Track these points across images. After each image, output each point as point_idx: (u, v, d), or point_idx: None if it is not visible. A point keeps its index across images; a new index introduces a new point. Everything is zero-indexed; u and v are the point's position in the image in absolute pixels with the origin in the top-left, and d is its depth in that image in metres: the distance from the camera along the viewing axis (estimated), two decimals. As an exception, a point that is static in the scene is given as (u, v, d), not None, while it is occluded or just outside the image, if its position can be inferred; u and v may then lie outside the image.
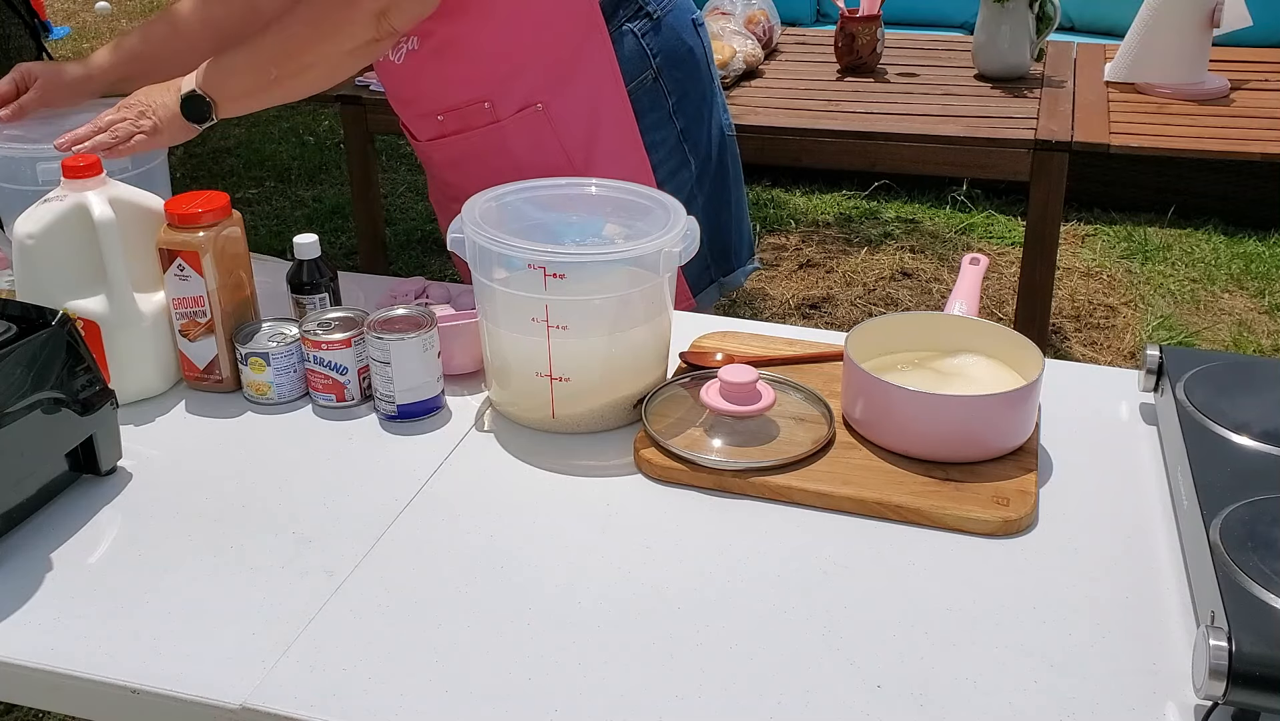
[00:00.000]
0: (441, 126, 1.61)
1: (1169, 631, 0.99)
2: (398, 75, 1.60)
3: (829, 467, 1.18)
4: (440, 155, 1.66)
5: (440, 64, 1.55)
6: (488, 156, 1.60)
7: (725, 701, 0.93)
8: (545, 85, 1.55)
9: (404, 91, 1.64)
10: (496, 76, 1.55)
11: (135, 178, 1.49)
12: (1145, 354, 1.29)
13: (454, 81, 1.57)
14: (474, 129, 1.59)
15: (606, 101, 1.60)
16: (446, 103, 1.59)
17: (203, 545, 1.11)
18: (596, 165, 1.60)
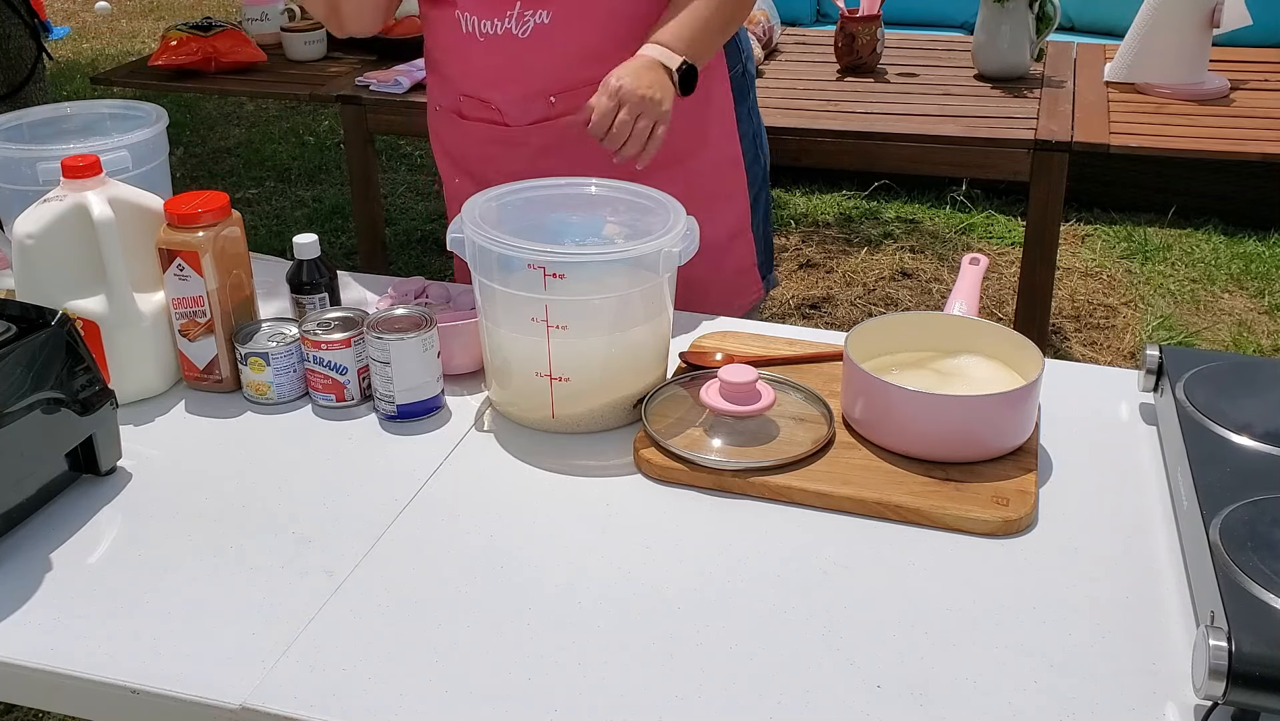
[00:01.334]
0: (551, 108, 1.55)
1: (1169, 631, 0.99)
2: (516, 50, 1.52)
3: (829, 467, 1.18)
4: (540, 140, 1.58)
5: (567, 39, 1.50)
6: (589, 142, 1.52)
7: (725, 701, 0.93)
8: None
9: (515, 68, 1.54)
10: (615, 55, 1.49)
11: (135, 178, 1.49)
12: (1145, 354, 1.29)
13: (577, 59, 1.51)
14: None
15: (715, 88, 1.60)
16: (565, 82, 1.53)
17: (203, 545, 1.11)
18: (699, 153, 1.60)
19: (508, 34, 1.50)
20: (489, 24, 1.51)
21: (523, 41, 1.50)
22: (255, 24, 3.30)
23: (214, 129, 5.37)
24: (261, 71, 3.14)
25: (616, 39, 1.50)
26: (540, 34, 1.49)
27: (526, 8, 1.48)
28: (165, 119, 1.61)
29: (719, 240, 1.66)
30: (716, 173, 1.67)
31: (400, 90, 2.89)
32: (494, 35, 1.51)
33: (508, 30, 1.50)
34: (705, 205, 1.60)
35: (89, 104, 1.67)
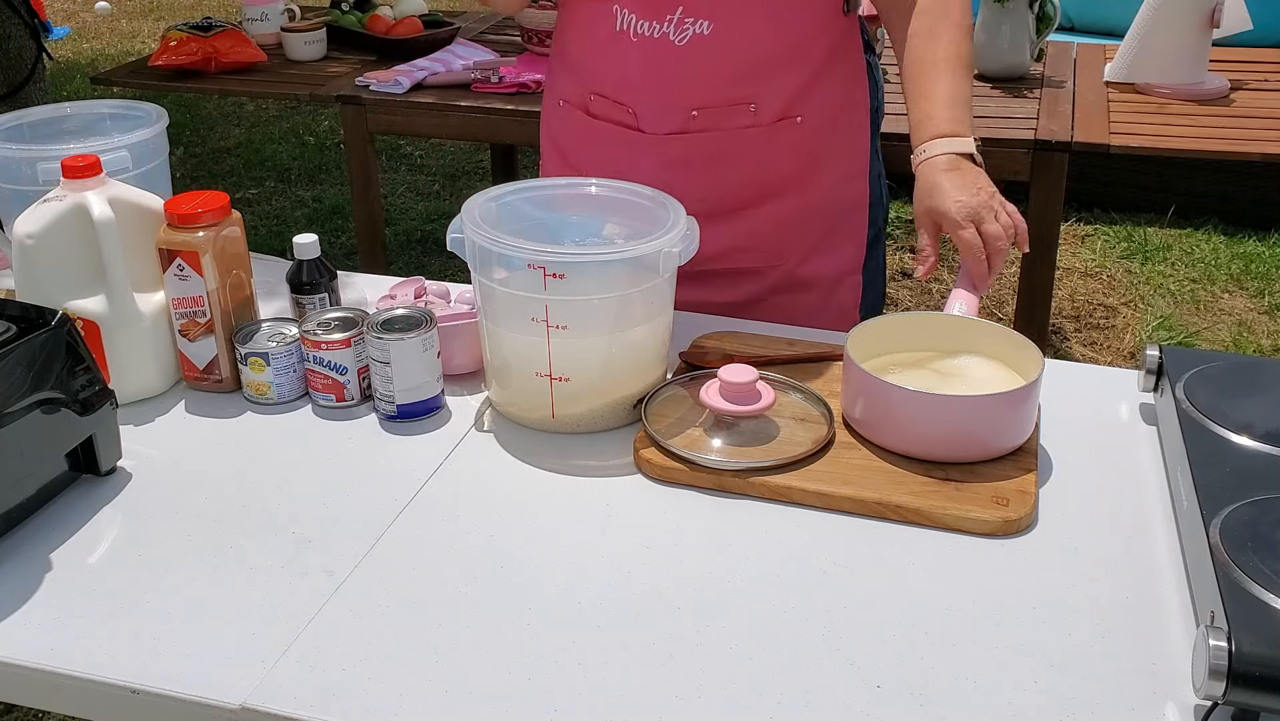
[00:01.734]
0: (690, 121, 1.50)
1: (1169, 631, 0.99)
2: (668, 57, 1.47)
3: (829, 467, 1.18)
4: (672, 152, 1.52)
5: (724, 53, 1.46)
6: (726, 161, 1.52)
7: (725, 701, 0.93)
8: (803, 94, 1.50)
9: (664, 75, 1.49)
10: (768, 76, 1.48)
11: (135, 178, 1.49)
12: (1145, 354, 1.29)
13: (729, 75, 1.47)
14: (725, 129, 1.50)
15: (855, 123, 1.58)
16: (711, 97, 1.49)
17: (203, 545, 1.11)
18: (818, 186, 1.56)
19: (664, 39, 1.45)
20: (646, 25, 1.46)
21: (678, 49, 1.46)
22: (255, 24, 3.30)
23: (214, 129, 5.37)
24: (261, 71, 3.14)
25: (772, 61, 1.47)
26: (697, 44, 1.45)
27: (689, 15, 1.43)
28: (165, 119, 1.61)
29: (828, 278, 1.63)
30: (841, 210, 1.61)
31: (400, 90, 2.89)
32: (649, 38, 1.46)
33: (665, 35, 1.45)
34: (825, 240, 1.61)
35: (89, 104, 1.66)
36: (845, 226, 1.63)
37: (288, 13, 3.34)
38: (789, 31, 1.47)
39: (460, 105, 2.85)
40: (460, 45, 3.25)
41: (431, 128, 2.98)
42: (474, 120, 2.88)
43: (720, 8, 1.43)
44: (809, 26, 1.48)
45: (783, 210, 1.56)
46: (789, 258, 1.60)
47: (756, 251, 1.59)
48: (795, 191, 1.56)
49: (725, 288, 1.60)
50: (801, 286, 1.61)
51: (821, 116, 1.53)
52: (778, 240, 1.59)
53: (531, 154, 4.86)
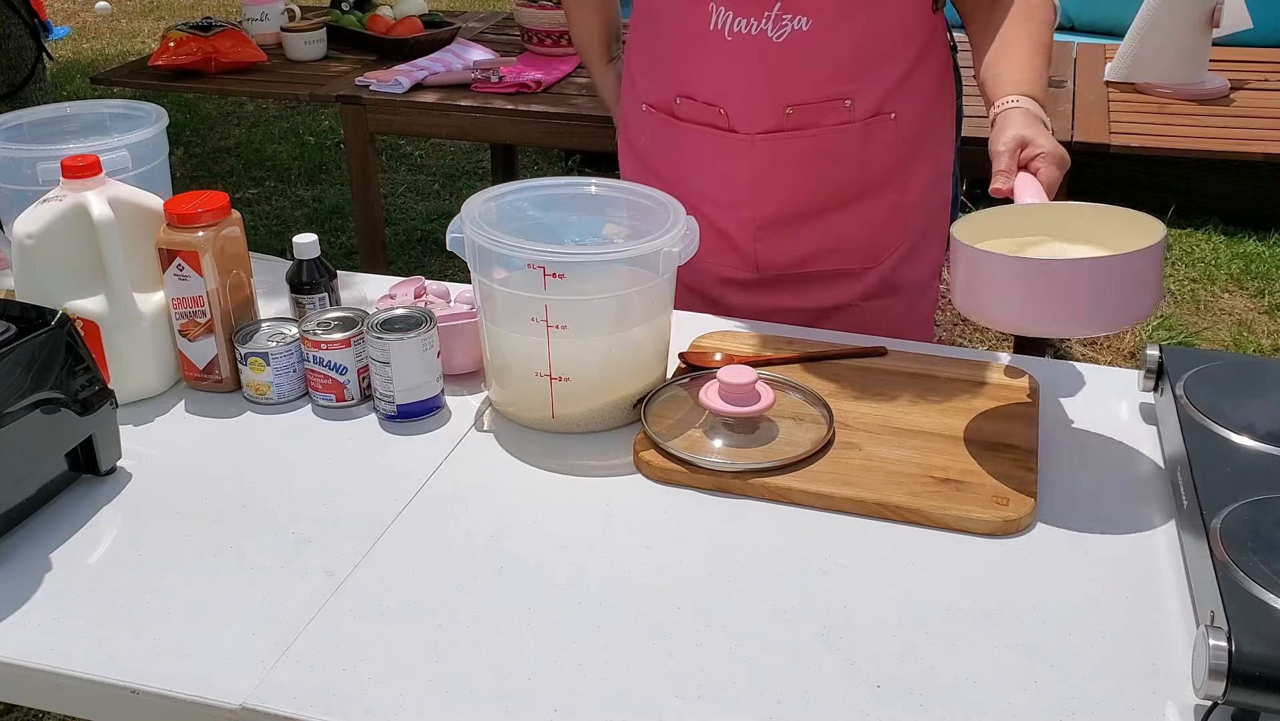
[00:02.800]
0: (785, 119, 1.48)
1: (1169, 631, 0.99)
2: (765, 54, 1.45)
3: (829, 468, 1.18)
4: (764, 152, 1.50)
5: (823, 50, 1.44)
6: (822, 159, 1.50)
7: (725, 701, 0.93)
8: (897, 91, 1.50)
9: (759, 73, 1.46)
10: (864, 72, 1.47)
11: (135, 178, 1.49)
12: (1145, 354, 1.29)
13: (828, 72, 1.46)
14: (821, 126, 1.49)
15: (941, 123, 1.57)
16: (807, 94, 1.47)
17: (203, 545, 1.11)
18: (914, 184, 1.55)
19: (761, 35, 1.44)
20: (743, 23, 1.44)
21: (776, 46, 1.44)
22: (255, 24, 3.30)
23: (214, 129, 5.37)
24: (261, 71, 3.14)
25: (868, 57, 1.46)
26: (796, 41, 1.43)
27: (786, 11, 1.42)
28: (165, 119, 1.61)
29: (918, 282, 1.62)
30: (930, 212, 1.60)
31: (400, 90, 2.89)
32: (745, 35, 1.44)
33: (762, 32, 1.43)
34: (914, 244, 1.59)
35: (89, 104, 1.66)
36: (935, 228, 1.61)
37: (288, 13, 3.34)
38: (884, 27, 1.46)
39: (460, 105, 2.86)
40: (460, 45, 3.25)
41: (431, 128, 2.99)
42: (474, 120, 2.88)
43: (819, 5, 1.42)
44: (901, 23, 1.48)
45: (878, 209, 1.55)
46: (884, 259, 1.59)
47: (851, 253, 1.58)
48: (890, 190, 1.54)
49: (817, 292, 1.59)
50: (892, 291, 1.60)
51: (914, 113, 1.52)
52: (873, 240, 1.58)
53: (531, 153, 4.86)
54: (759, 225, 1.56)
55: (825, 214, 1.55)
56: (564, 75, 3.02)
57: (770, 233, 1.56)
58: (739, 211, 1.56)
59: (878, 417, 1.26)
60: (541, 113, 2.82)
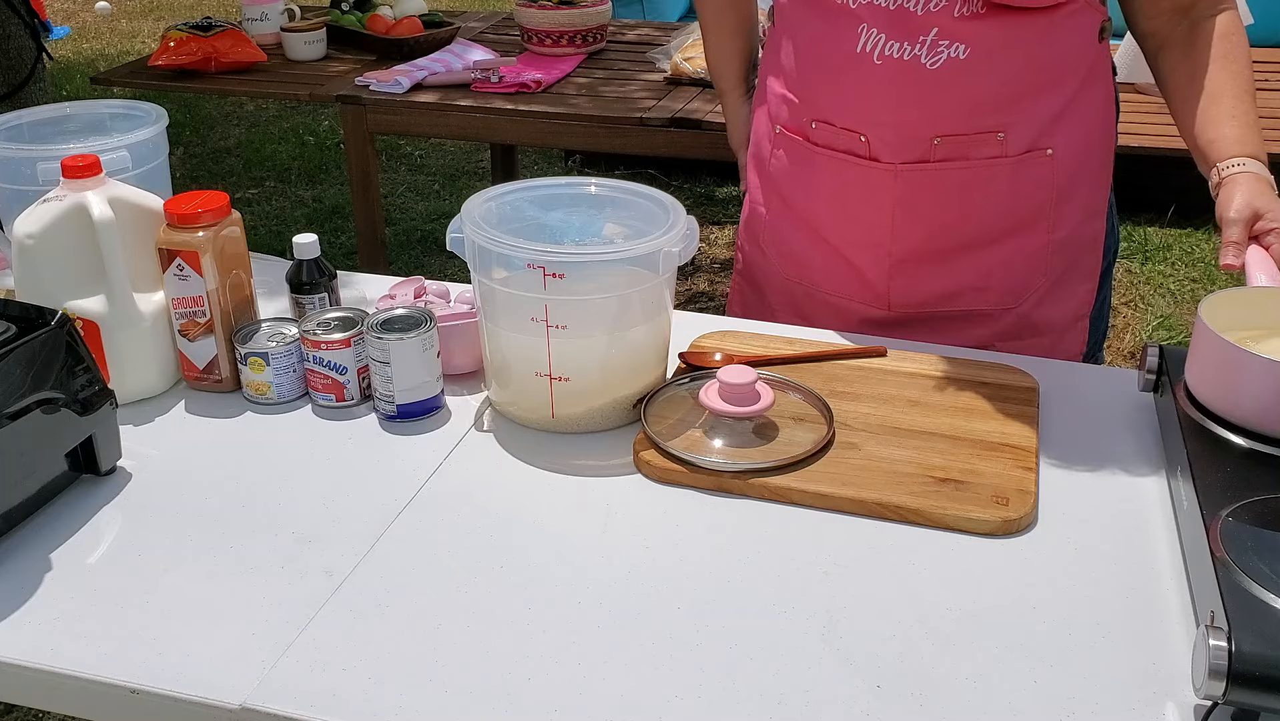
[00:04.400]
0: (931, 150, 1.41)
1: (1169, 631, 0.99)
2: (917, 82, 1.38)
3: (829, 468, 1.18)
4: (904, 184, 1.43)
5: (980, 80, 1.37)
6: (968, 194, 1.43)
7: (725, 701, 0.93)
8: (1054, 125, 1.42)
9: (909, 100, 1.39)
10: (1020, 105, 1.40)
11: (135, 178, 1.49)
12: (1145, 354, 1.29)
13: (983, 104, 1.39)
14: (970, 159, 1.41)
15: (1096, 152, 1.49)
16: (958, 125, 1.40)
17: (203, 545, 1.11)
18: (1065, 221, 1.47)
19: (914, 61, 1.36)
20: (895, 46, 1.36)
21: (930, 73, 1.36)
22: (255, 24, 3.30)
23: (214, 129, 5.37)
24: (261, 71, 3.14)
25: (1026, 89, 1.39)
26: (951, 69, 1.35)
27: (943, 37, 1.34)
28: (165, 119, 1.61)
29: (1060, 322, 1.52)
30: (1078, 249, 1.50)
31: (400, 90, 2.89)
32: (897, 60, 1.36)
33: (915, 57, 1.36)
34: (1063, 280, 1.50)
35: (89, 104, 1.66)
36: (1083, 265, 1.52)
37: (288, 13, 3.34)
38: (1044, 59, 1.39)
39: (460, 105, 2.86)
40: (460, 45, 3.25)
41: (431, 128, 2.99)
42: (474, 120, 2.88)
43: (979, 32, 1.34)
44: (1064, 53, 1.40)
45: (1024, 248, 1.47)
46: (1026, 299, 1.50)
47: (992, 293, 1.49)
48: (1040, 228, 1.46)
49: (952, 333, 1.50)
50: (1033, 331, 1.51)
51: (1072, 148, 1.44)
52: (1016, 280, 1.49)
53: (531, 153, 4.86)
54: (895, 261, 1.48)
55: (968, 251, 1.47)
56: (564, 75, 3.02)
57: (907, 269, 1.48)
58: (875, 245, 1.48)
59: (878, 417, 1.26)
60: (541, 113, 2.82)
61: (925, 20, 1.35)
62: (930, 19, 1.35)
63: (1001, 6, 1.34)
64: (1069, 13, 1.37)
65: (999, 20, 1.34)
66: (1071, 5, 1.37)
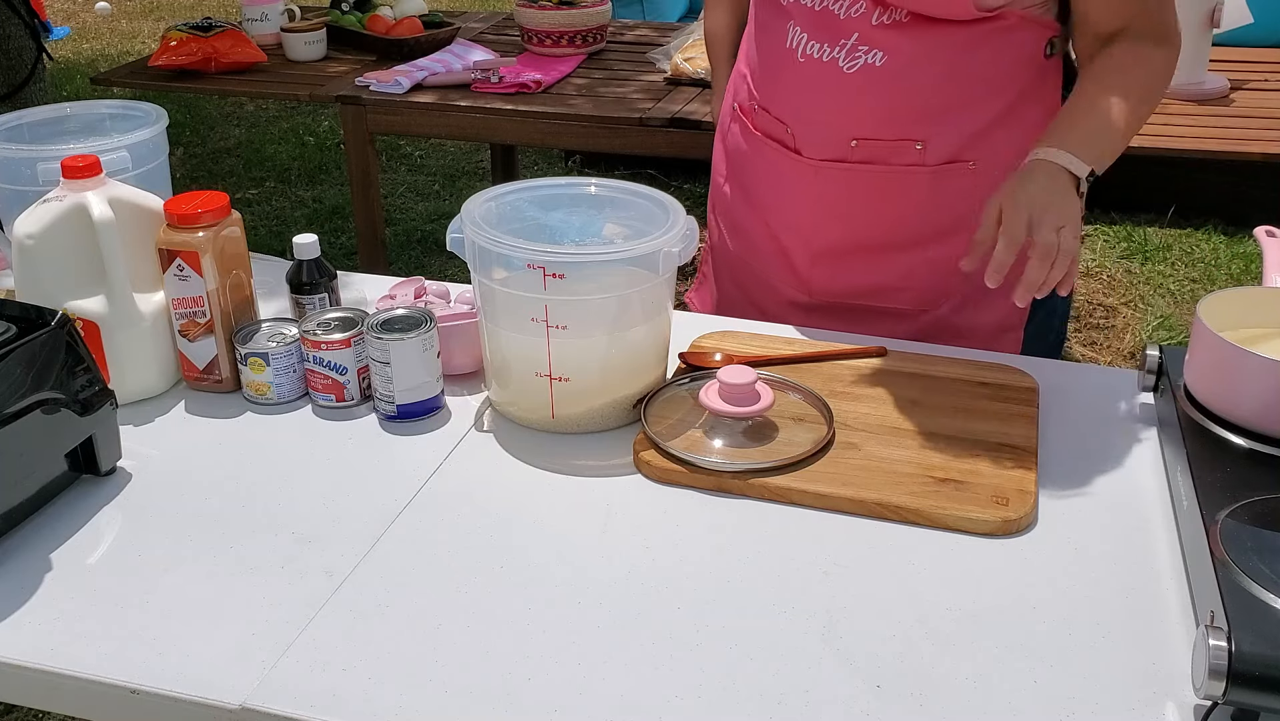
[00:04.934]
0: (850, 151, 1.42)
1: (1169, 631, 0.99)
2: (834, 83, 1.40)
3: (829, 468, 1.18)
4: (826, 180, 1.45)
5: (895, 88, 1.38)
6: (886, 197, 1.44)
7: (725, 701, 0.93)
8: (980, 138, 1.41)
9: (826, 100, 1.42)
10: (940, 118, 1.40)
11: (135, 178, 1.49)
12: (1145, 354, 1.29)
13: (898, 112, 1.39)
14: (889, 165, 1.42)
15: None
16: (874, 130, 1.41)
17: (203, 545, 1.11)
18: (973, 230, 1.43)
19: (833, 64, 1.38)
20: (815, 47, 1.39)
21: (846, 77, 1.38)
22: (255, 24, 3.30)
23: (214, 129, 5.37)
24: (261, 71, 3.14)
25: (948, 103, 1.39)
26: (867, 75, 1.37)
27: (862, 43, 1.36)
28: (165, 119, 1.61)
29: (986, 329, 1.51)
30: None
31: (400, 90, 2.89)
32: (817, 60, 1.40)
33: (834, 60, 1.38)
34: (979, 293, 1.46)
35: (89, 104, 1.66)
36: (1008, 280, 1.49)
37: (288, 13, 3.34)
38: (969, 73, 1.38)
39: (460, 105, 2.86)
40: (460, 45, 3.25)
41: (431, 128, 2.99)
42: (474, 120, 2.88)
43: (897, 42, 1.35)
44: (995, 69, 1.38)
45: (944, 254, 1.45)
46: (944, 304, 1.51)
47: (910, 293, 1.51)
48: (961, 237, 1.40)
49: (868, 327, 1.50)
50: (955, 335, 1.51)
51: (999, 161, 1.40)
52: (934, 284, 1.49)
53: (531, 153, 4.86)
54: (815, 251, 1.51)
55: (886, 251, 1.48)
56: (564, 75, 3.02)
57: (827, 260, 1.51)
58: (798, 234, 1.51)
59: (878, 417, 1.26)
60: (541, 113, 2.82)
61: (846, 24, 1.37)
62: (851, 24, 1.36)
63: (923, 17, 1.34)
64: (1001, 28, 1.36)
65: (919, 31, 1.35)
66: (1004, 21, 1.35)
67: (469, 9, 5.66)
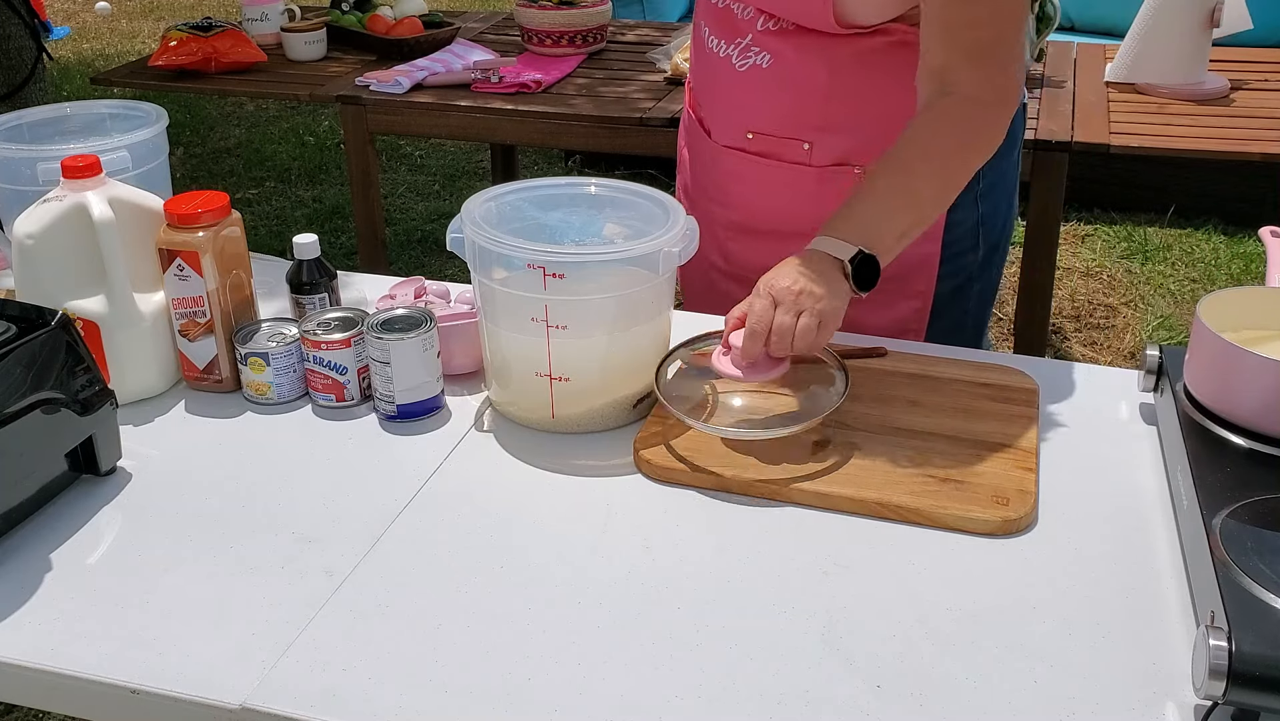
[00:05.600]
0: (746, 142, 1.51)
1: (1169, 631, 0.99)
2: (729, 79, 1.49)
3: (829, 467, 1.18)
4: (732, 164, 1.54)
5: (779, 90, 1.44)
6: (778, 189, 1.50)
7: (725, 701, 0.93)
8: (868, 146, 1.41)
9: (724, 93, 1.52)
10: (823, 124, 1.44)
11: (135, 178, 1.49)
12: (1145, 354, 1.29)
13: (783, 111, 1.46)
14: (780, 159, 1.49)
15: None
16: (764, 125, 1.49)
17: (203, 545, 1.11)
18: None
19: (726, 61, 1.48)
20: (718, 43, 1.49)
21: (738, 73, 1.47)
22: (255, 24, 3.30)
23: (214, 129, 5.37)
24: (261, 71, 3.14)
25: (832, 109, 1.43)
26: (755, 75, 1.45)
27: (755, 44, 1.44)
28: (165, 119, 1.61)
29: (880, 329, 1.51)
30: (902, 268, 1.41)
31: (400, 90, 2.89)
32: (717, 55, 1.49)
33: (728, 57, 1.47)
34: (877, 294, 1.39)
35: (89, 104, 1.66)
36: (907, 285, 1.52)
37: (288, 13, 3.34)
38: (860, 83, 1.41)
39: (460, 105, 2.85)
40: (460, 45, 3.25)
41: (431, 128, 2.98)
42: (474, 120, 2.88)
43: (780, 47, 1.41)
44: (888, 81, 1.39)
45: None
46: None
47: None
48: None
49: None
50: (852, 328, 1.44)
51: None
52: None
53: (531, 153, 4.87)
54: (724, 226, 1.60)
55: (786, 238, 1.46)
56: (564, 75, 3.02)
57: (737, 237, 1.59)
58: (715, 208, 1.60)
59: (878, 417, 1.26)
60: (541, 113, 2.81)
61: (741, 25, 1.45)
62: (745, 25, 1.44)
63: (802, 26, 1.39)
64: (882, 45, 1.38)
65: (800, 40, 1.41)
66: (886, 37, 1.37)
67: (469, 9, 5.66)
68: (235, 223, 1.34)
